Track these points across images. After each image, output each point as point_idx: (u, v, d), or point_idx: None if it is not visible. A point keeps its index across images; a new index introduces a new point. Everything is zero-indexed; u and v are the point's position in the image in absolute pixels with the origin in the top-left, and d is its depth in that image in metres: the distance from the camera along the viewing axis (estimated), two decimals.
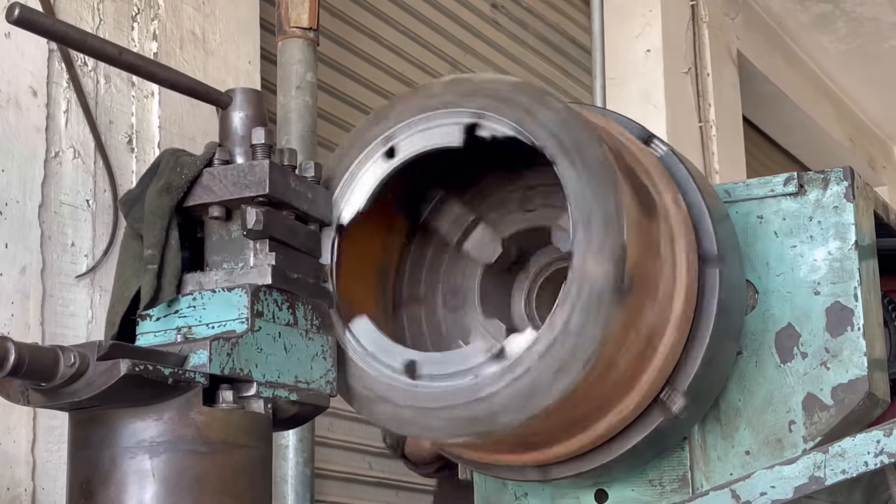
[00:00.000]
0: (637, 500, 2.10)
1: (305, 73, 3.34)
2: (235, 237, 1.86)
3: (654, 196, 1.93)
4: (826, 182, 2.12)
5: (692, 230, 1.97)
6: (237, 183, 1.84)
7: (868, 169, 8.70)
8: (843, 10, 7.32)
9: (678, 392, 1.96)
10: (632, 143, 2.05)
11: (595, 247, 1.79)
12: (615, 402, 1.93)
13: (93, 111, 3.13)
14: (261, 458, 1.77)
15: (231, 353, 1.73)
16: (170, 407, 1.68)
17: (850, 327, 2.06)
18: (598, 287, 1.77)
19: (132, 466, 1.67)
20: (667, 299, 1.90)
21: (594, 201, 1.81)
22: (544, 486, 2.14)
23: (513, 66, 5.38)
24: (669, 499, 2.08)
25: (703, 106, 6.21)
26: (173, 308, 1.82)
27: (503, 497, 2.21)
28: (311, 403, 1.86)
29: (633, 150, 2.01)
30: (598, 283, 1.77)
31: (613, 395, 1.91)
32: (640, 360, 1.89)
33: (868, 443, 1.90)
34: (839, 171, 2.12)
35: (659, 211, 1.92)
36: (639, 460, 2.06)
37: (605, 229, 1.79)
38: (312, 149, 3.36)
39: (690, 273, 1.94)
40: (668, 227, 1.93)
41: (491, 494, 2.22)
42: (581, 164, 1.83)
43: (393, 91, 4.45)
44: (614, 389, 1.89)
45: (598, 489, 2.13)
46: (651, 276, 1.86)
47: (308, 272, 1.91)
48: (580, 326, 1.77)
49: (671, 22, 6.06)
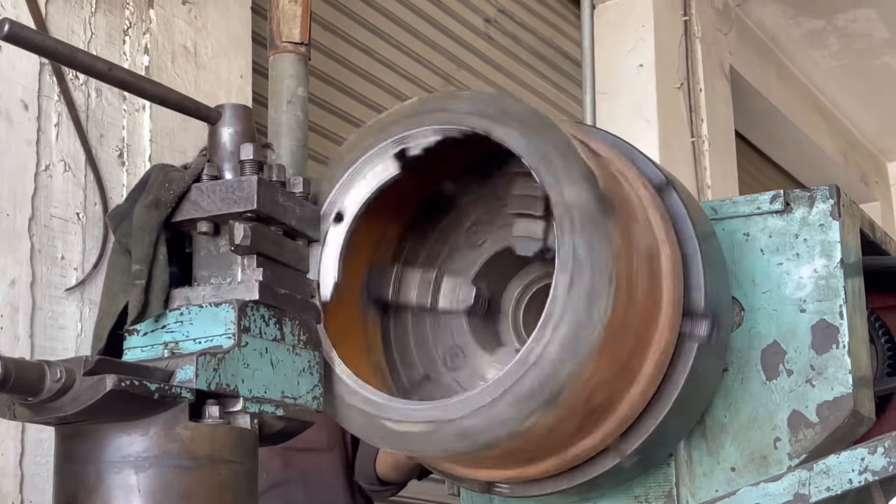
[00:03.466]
0: None
1: (297, 87, 3.33)
2: (223, 252, 1.86)
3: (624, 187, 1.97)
4: (812, 200, 2.13)
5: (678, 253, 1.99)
6: (225, 198, 1.84)
7: (860, 184, 8.72)
8: (836, 26, 7.35)
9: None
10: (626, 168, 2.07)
11: (562, 175, 1.82)
12: (603, 418, 1.93)
13: (84, 124, 3.14)
14: (246, 474, 1.76)
15: (217, 369, 1.73)
16: (156, 422, 1.68)
17: (835, 345, 2.07)
18: (585, 209, 1.79)
19: (118, 481, 1.67)
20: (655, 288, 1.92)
21: (545, 142, 1.85)
22: (531, 502, 2.14)
23: (505, 81, 5.40)
24: None
25: (696, 121, 6.23)
26: (160, 323, 1.82)
27: None
28: (297, 419, 1.86)
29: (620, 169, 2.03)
30: (582, 204, 1.80)
31: (605, 404, 1.91)
32: (631, 362, 1.90)
33: (853, 460, 1.91)
34: (825, 189, 2.13)
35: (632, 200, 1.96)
36: (625, 476, 2.07)
37: (564, 159, 1.83)
38: (303, 163, 3.36)
39: (674, 254, 1.96)
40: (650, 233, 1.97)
41: None
42: (514, 122, 1.88)
43: (386, 105, 4.46)
44: (609, 392, 1.90)
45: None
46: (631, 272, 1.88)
47: (295, 287, 1.91)
48: (588, 251, 1.78)
49: (664, 37, 6.07)
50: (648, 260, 1.91)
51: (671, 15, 6.17)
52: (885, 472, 1.89)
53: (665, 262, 1.95)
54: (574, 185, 1.82)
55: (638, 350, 1.90)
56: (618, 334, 1.83)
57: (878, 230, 2.35)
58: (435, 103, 1.97)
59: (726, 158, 6.49)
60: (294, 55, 3.33)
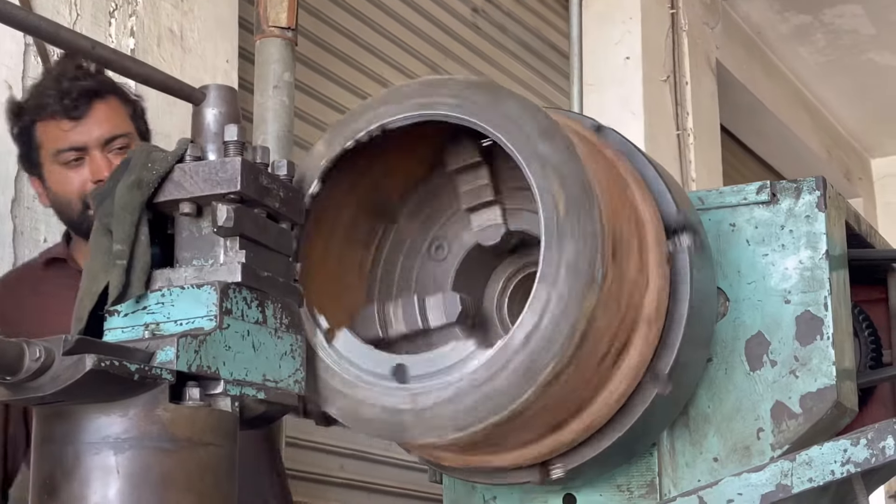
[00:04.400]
0: None
1: (283, 72, 3.33)
2: (206, 234, 1.84)
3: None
4: (798, 191, 2.13)
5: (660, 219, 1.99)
6: (208, 179, 1.82)
7: (844, 180, 8.75)
8: (822, 21, 7.36)
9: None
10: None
11: (531, 130, 1.85)
12: (588, 403, 1.93)
13: None
14: (227, 457, 1.74)
15: (198, 351, 1.71)
16: (135, 403, 1.66)
17: (819, 336, 2.07)
18: (559, 160, 1.82)
19: (96, 462, 1.65)
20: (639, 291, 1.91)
21: (520, 114, 1.86)
22: (513, 490, 2.14)
23: (491, 70, 5.39)
24: None
25: (681, 114, 6.24)
26: (142, 304, 1.80)
27: (472, 500, 2.21)
28: (278, 403, 1.85)
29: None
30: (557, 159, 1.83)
31: (588, 394, 1.91)
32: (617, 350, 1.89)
33: (835, 452, 1.90)
34: (811, 181, 2.13)
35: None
36: (608, 465, 2.07)
37: (527, 111, 1.86)
38: (289, 148, 3.35)
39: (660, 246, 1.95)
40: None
41: (460, 497, 2.22)
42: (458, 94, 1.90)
43: (371, 92, 4.45)
44: (589, 386, 1.90)
45: (567, 493, 2.13)
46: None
47: (279, 270, 1.90)
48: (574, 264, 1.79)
49: (651, 29, 6.08)
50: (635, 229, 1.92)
51: (658, 8, 6.18)
52: (867, 464, 1.89)
53: (650, 234, 1.95)
54: (545, 140, 1.83)
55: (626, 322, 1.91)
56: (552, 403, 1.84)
57: (864, 223, 2.35)
58: (378, 100, 1.98)
59: (711, 152, 6.50)
60: (281, 40, 3.33)
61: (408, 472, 4.53)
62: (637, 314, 1.91)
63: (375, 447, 4.42)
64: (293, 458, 3.97)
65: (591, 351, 1.84)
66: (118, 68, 1.85)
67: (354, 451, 4.40)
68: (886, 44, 7.60)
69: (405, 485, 4.57)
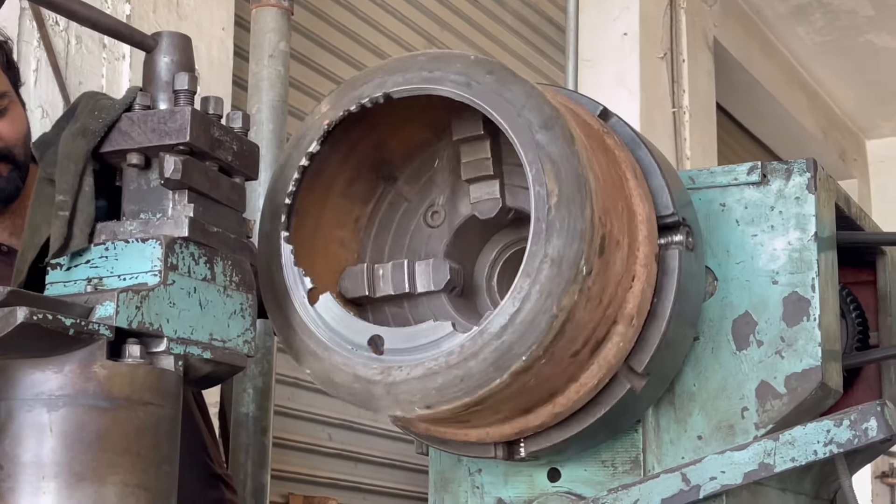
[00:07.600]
0: (589, 480, 2.11)
1: (279, 41, 3.33)
2: (154, 186, 1.77)
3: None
4: (789, 173, 2.14)
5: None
6: (156, 129, 1.74)
7: (839, 161, 8.76)
8: (821, 2, 7.35)
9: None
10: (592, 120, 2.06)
11: (523, 104, 1.84)
12: (559, 393, 1.94)
13: (63, 71, 3.12)
14: (168, 417, 1.68)
15: (140, 307, 1.65)
16: (71, 359, 1.61)
17: (806, 317, 2.07)
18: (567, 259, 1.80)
19: (29, 419, 1.60)
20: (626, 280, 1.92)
21: (506, 97, 1.85)
22: (498, 463, 2.15)
23: (488, 44, 5.38)
24: (621, 480, 2.09)
25: (678, 92, 6.23)
26: (84, 258, 1.73)
27: (457, 472, 2.22)
28: (226, 363, 1.78)
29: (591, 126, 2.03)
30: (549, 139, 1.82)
31: (560, 384, 1.92)
32: (605, 321, 1.90)
33: (818, 432, 1.92)
34: (802, 163, 2.14)
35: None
36: (592, 441, 2.08)
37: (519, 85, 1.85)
38: (283, 118, 3.35)
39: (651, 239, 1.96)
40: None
41: (445, 469, 2.23)
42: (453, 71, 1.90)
43: (367, 63, 4.44)
44: (562, 377, 1.90)
45: (551, 468, 2.14)
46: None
47: (230, 226, 1.83)
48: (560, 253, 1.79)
49: (649, 6, 6.07)
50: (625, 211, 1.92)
51: None
52: (849, 445, 1.90)
53: (642, 230, 1.95)
54: (545, 130, 1.82)
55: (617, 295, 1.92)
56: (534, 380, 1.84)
57: (854, 205, 2.36)
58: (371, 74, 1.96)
59: (706, 130, 6.50)
60: (277, 9, 3.33)
61: (395, 442, 4.56)
62: (618, 311, 1.92)
63: (363, 417, 4.44)
64: (281, 426, 3.99)
65: (567, 345, 1.84)
66: (64, 11, 1.75)
67: (342, 420, 4.41)
68: (885, 25, 7.60)
69: (392, 455, 4.59)
